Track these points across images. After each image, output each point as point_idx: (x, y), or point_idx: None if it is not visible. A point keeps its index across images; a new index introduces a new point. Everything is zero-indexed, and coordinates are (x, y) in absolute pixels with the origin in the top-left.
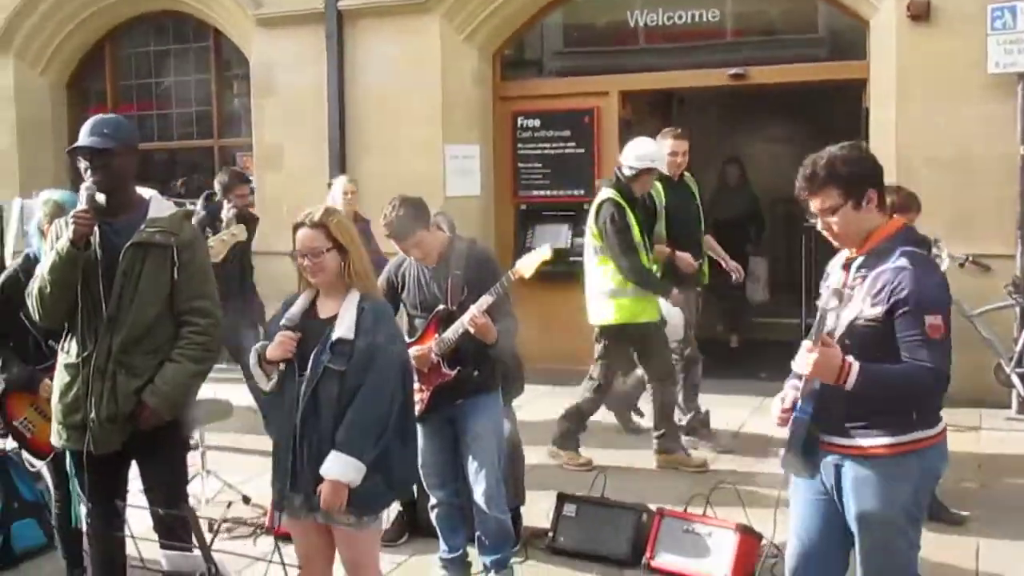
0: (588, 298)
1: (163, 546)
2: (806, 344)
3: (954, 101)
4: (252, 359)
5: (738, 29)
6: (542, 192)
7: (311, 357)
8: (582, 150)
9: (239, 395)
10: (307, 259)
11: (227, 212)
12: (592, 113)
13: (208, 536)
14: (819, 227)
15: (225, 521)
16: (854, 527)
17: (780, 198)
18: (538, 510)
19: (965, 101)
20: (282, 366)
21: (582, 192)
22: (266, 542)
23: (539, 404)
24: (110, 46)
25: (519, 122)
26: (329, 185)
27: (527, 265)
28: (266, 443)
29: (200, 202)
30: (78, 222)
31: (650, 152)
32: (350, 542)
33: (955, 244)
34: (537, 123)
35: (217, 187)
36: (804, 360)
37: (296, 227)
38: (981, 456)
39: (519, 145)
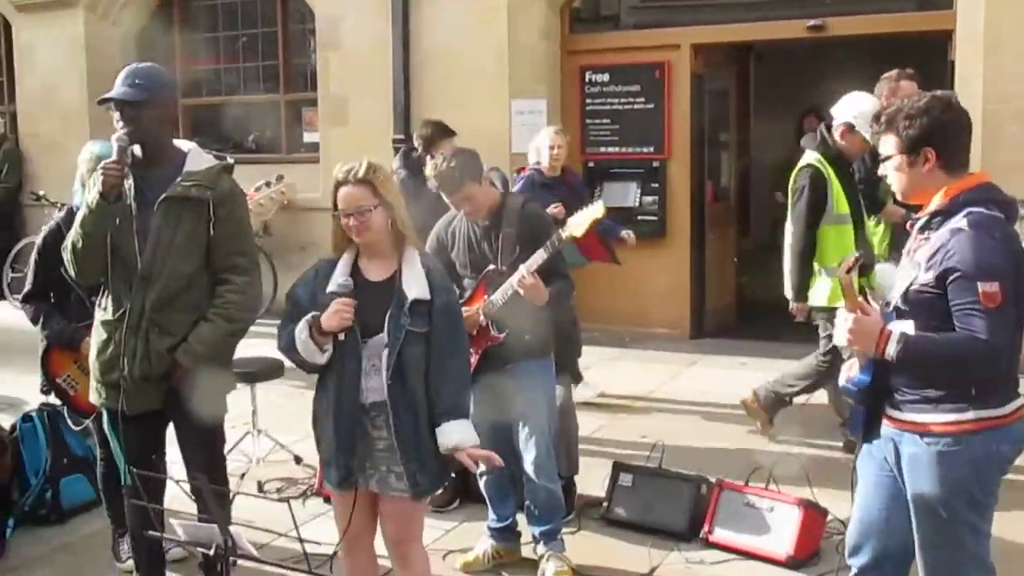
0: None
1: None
2: (842, 312)
3: None
4: (302, 332)
5: None
6: (610, 149)
7: (386, 321)
8: (652, 105)
9: None
10: (352, 218)
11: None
12: (663, 67)
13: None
14: (880, 171)
15: (274, 481)
16: (911, 508)
17: None
18: (593, 478)
19: None
20: (342, 336)
21: (651, 149)
22: (315, 503)
23: (606, 368)
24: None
25: (587, 76)
26: (420, 140)
27: (579, 223)
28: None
29: (398, 160)
30: (107, 173)
31: (865, 111)
32: (403, 517)
33: None
34: (606, 77)
35: (417, 142)
36: (841, 328)
37: (338, 184)
38: None
39: (587, 100)
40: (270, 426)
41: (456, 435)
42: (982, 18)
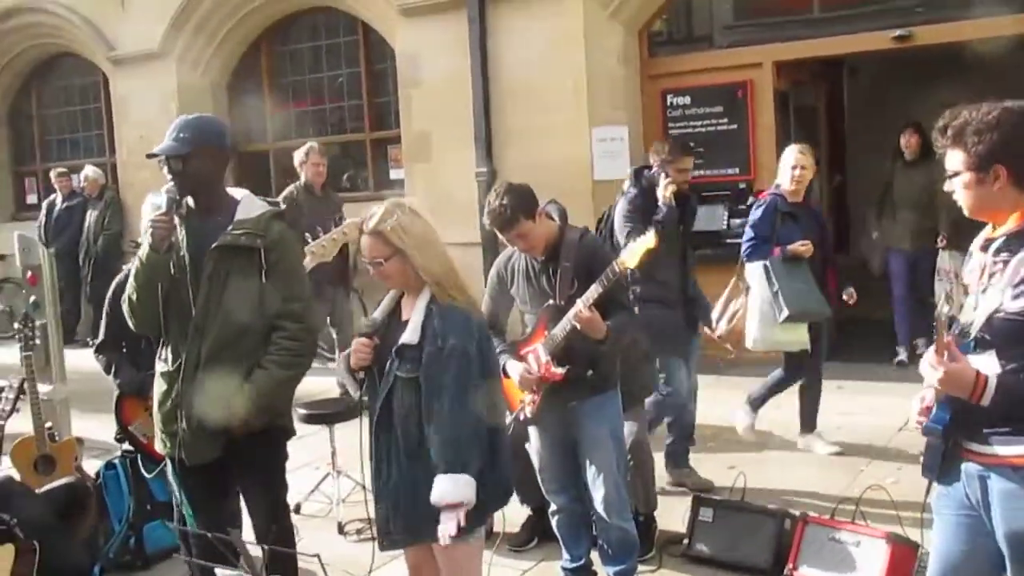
0: None
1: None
2: (930, 356)
3: None
4: (343, 365)
5: None
6: (695, 172)
7: (387, 364)
8: (735, 126)
9: None
10: (372, 267)
11: (662, 189)
12: (745, 87)
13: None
14: (946, 187)
15: (355, 522)
16: (1003, 546)
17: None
18: (675, 515)
19: None
20: (361, 375)
21: (736, 171)
22: None
23: (701, 395)
24: (265, 45)
25: (668, 100)
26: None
27: (631, 254)
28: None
29: (629, 179)
30: (155, 226)
31: None
32: (447, 557)
33: None
34: (687, 100)
35: (653, 159)
36: (932, 376)
37: (360, 233)
38: None
39: (669, 124)
40: (350, 466)
41: (436, 490)
42: None
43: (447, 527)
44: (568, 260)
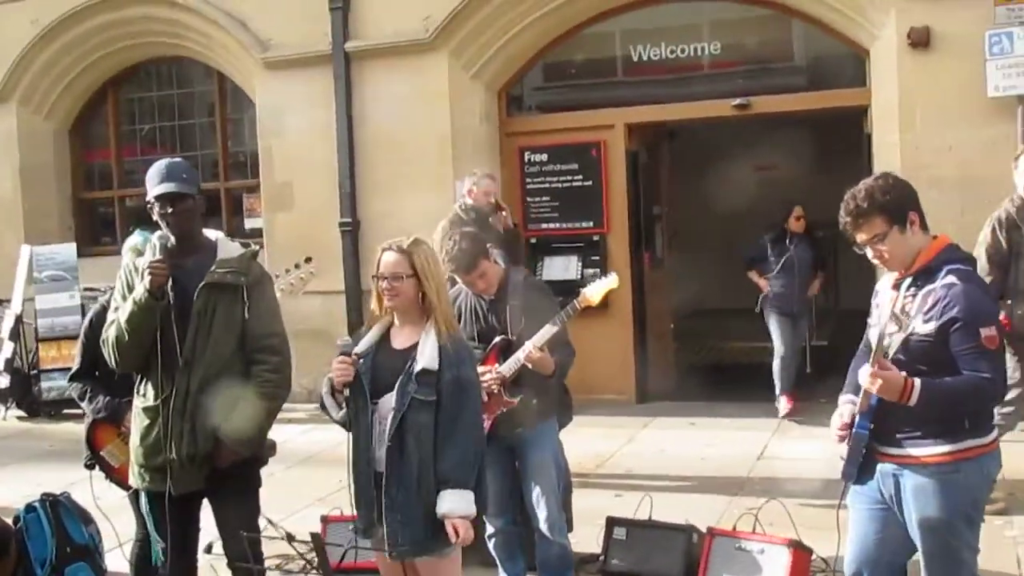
0: None
1: None
2: (865, 368)
3: (956, 124)
4: (324, 388)
5: (736, 60)
6: (551, 225)
7: (396, 387)
8: (590, 183)
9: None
10: (387, 282)
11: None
12: (599, 146)
13: None
14: (870, 256)
15: (273, 558)
16: (915, 533)
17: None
18: (585, 535)
19: (967, 124)
20: (346, 392)
21: (591, 224)
22: None
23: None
24: (113, 91)
25: (526, 156)
26: None
27: (594, 293)
28: (298, 479)
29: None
30: (153, 272)
31: None
32: (433, 571)
33: None
34: (544, 157)
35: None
36: (870, 382)
37: (382, 251)
38: None
39: (527, 179)
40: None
41: (446, 504)
42: (896, 93)
43: (467, 535)
44: (515, 299)
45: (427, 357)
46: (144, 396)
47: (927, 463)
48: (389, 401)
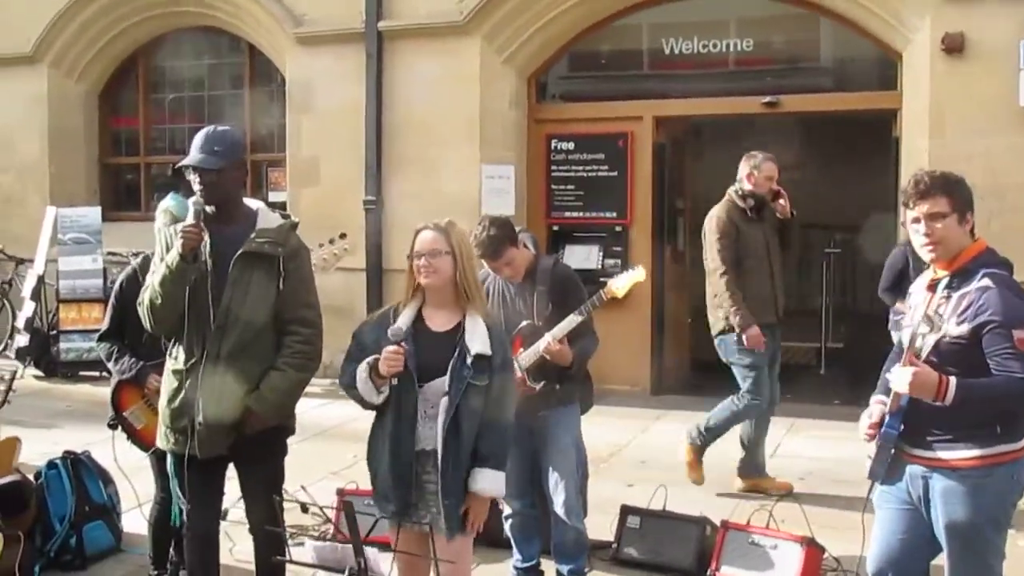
0: None
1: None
2: (897, 369)
3: (986, 132)
4: (363, 372)
5: (765, 57)
6: (574, 214)
7: (449, 372)
8: (615, 173)
9: None
10: (424, 258)
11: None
12: (626, 137)
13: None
14: (919, 232)
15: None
16: (942, 536)
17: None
18: (596, 523)
19: (997, 132)
20: (395, 380)
21: (614, 215)
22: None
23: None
24: (143, 59)
25: (553, 144)
26: None
27: (620, 285)
28: (312, 452)
29: None
30: (186, 236)
31: None
32: (453, 550)
33: None
34: (571, 146)
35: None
36: (903, 379)
37: (419, 230)
38: None
39: (552, 167)
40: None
41: (485, 482)
42: (927, 98)
43: (483, 514)
44: (543, 284)
45: (480, 342)
46: (175, 359)
47: (957, 467)
48: (439, 386)
